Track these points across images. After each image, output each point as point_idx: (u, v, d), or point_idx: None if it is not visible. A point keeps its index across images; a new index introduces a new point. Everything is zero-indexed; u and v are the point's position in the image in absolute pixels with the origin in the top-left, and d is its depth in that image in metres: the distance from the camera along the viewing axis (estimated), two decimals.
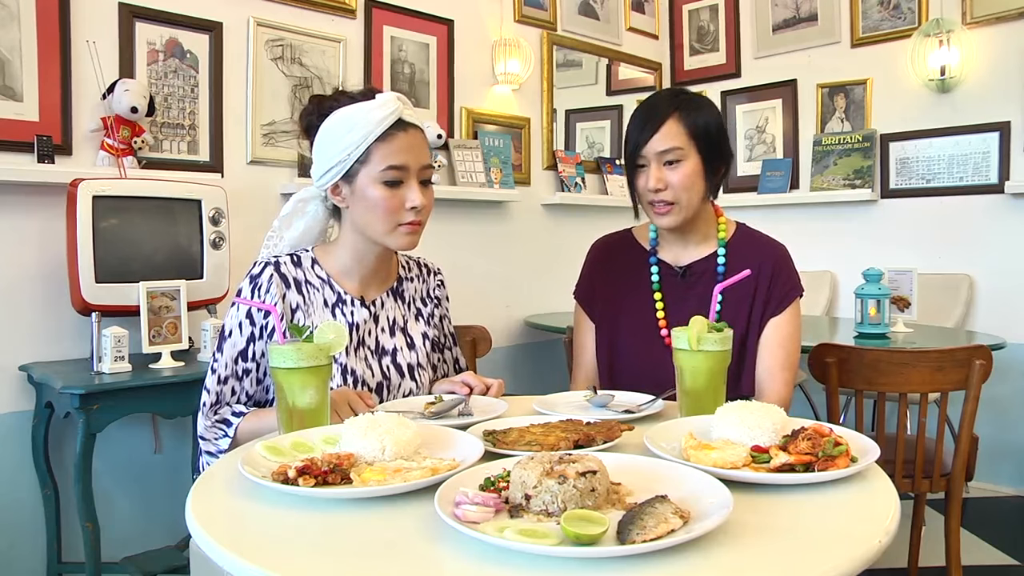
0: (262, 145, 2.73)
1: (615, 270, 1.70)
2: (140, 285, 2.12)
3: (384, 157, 1.33)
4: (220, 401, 1.36)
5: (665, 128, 1.52)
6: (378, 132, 1.32)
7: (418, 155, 1.37)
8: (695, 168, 1.53)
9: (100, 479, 2.26)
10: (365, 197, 1.35)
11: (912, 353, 1.83)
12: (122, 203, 2.16)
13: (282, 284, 1.39)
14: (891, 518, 0.80)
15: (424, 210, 1.37)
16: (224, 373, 1.37)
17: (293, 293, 1.40)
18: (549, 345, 3.58)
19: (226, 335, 1.38)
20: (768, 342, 1.56)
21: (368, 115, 1.33)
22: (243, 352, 1.37)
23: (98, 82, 2.30)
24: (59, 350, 2.27)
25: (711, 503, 0.79)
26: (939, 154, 3.50)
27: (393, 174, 1.34)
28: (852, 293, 2.73)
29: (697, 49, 4.34)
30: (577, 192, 3.83)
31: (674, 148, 1.52)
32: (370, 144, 1.33)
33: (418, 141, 1.38)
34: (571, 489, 0.79)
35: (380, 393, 1.43)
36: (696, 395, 1.21)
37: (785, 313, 1.57)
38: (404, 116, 1.35)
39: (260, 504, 0.88)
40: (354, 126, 1.33)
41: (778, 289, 1.57)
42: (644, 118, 1.56)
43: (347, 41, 2.97)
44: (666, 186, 1.53)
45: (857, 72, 3.74)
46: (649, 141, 1.53)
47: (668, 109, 1.54)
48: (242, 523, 0.85)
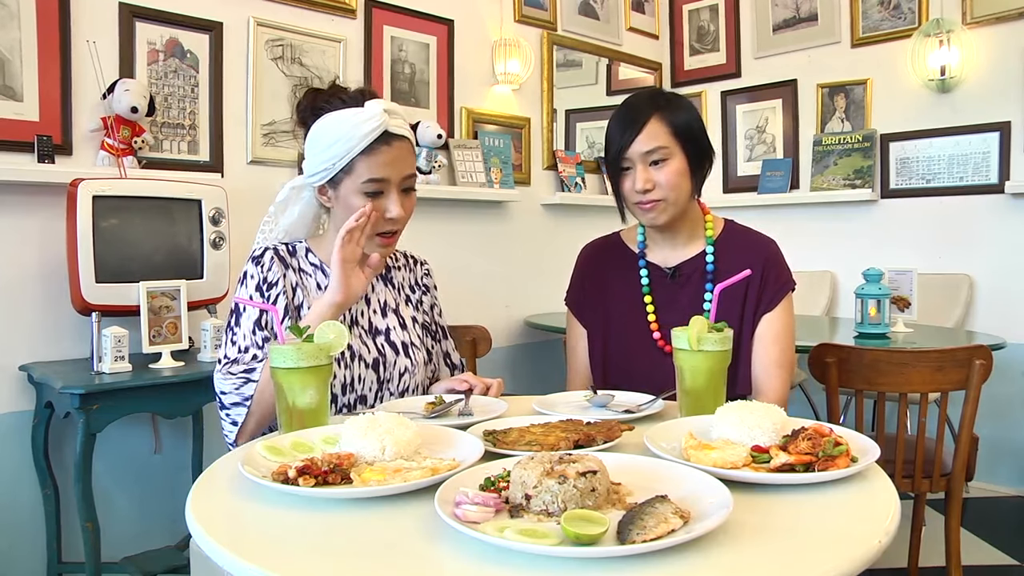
0: (262, 145, 2.73)
1: (604, 274, 1.69)
2: (140, 285, 2.12)
3: (366, 170, 1.38)
4: (239, 363, 1.38)
5: (648, 128, 1.52)
6: (361, 147, 1.36)
7: (400, 167, 1.40)
8: (681, 166, 1.53)
9: (100, 479, 2.26)
10: (348, 204, 1.40)
11: (912, 353, 1.83)
12: (122, 203, 2.16)
13: (282, 265, 1.46)
14: (891, 518, 0.80)
15: (402, 219, 1.43)
16: (244, 343, 1.39)
17: (292, 274, 1.47)
18: (549, 345, 3.58)
19: (241, 310, 1.41)
20: (763, 338, 1.56)
21: (354, 129, 1.36)
22: (258, 321, 1.40)
23: (98, 82, 2.30)
24: (59, 350, 2.27)
25: (711, 503, 0.79)
26: (939, 154, 3.50)
27: (374, 186, 1.39)
28: (852, 293, 2.73)
29: (697, 49, 4.34)
30: (577, 192, 3.84)
31: (659, 148, 1.52)
32: (354, 157, 1.37)
33: (403, 153, 1.41)
34: (571, 489, 0.79)
35: (376, 370, 1.46)
36: (696, 395, 1.22)
37: (778, 308, 1.57)
38: (390, 128, 1.37)
39: (260, 504, 0.88)
40: (340, 138, 1.36)
41: (770, 285, 1.57)
42: (625, 120, 1.55)
43: (347, 41, 2.97)
44: (654, 186, 1.52)
45: (857, 72, 3.75)
46: (633, 142, 1.52)
47: (649, 110, 1.53)
48: (242, 523, 0.85)
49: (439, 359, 1.65)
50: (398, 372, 1.49)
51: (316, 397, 1.13)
